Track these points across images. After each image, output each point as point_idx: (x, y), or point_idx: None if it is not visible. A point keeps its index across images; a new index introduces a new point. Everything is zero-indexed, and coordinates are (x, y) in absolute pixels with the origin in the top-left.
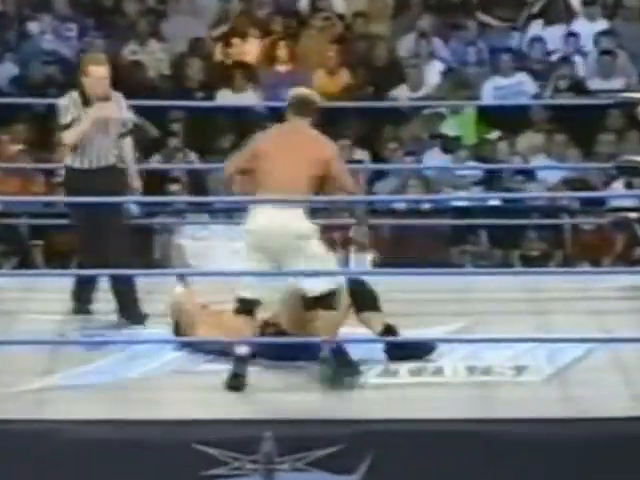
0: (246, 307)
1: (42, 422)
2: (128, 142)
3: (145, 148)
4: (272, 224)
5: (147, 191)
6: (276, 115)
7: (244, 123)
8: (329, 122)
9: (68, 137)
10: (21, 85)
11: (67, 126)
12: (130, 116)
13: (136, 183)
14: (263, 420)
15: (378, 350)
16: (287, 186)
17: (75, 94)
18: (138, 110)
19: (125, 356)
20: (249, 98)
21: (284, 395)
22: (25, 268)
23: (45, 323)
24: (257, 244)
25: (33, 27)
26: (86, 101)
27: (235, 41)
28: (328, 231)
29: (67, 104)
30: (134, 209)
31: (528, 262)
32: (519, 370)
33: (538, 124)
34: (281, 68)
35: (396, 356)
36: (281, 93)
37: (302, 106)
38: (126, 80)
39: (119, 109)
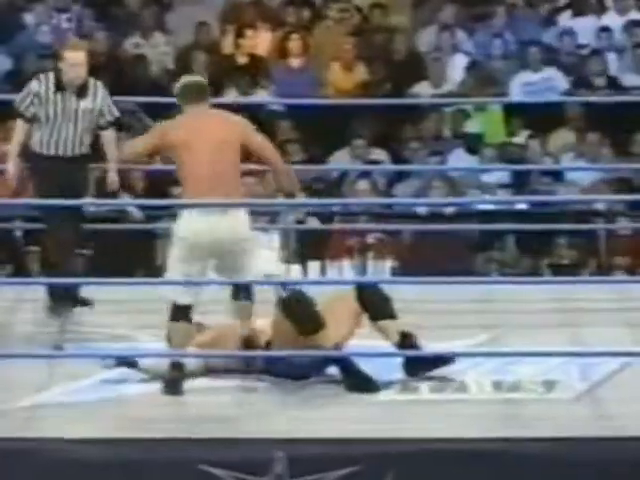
0: (183, 314)
1: (33, 441)
2: (109, 135)
3: None
4: (215, 228)
5: (149, 193)
6: (290, 112)
7: (255, 121)
8: (344, 120)
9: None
10: (15, 80)
11: (18, 113)
12: (111, 109)
13: (112, 177)
14: (273, 439)
15: (396, 363)
16: (219, 180)
17: (52, 77)
18: (140, 107)
19: (123, 371)
20: (258, 98)
21: (296, 413)
22: (19, 276)
23: (40, 335)
24: (196, 247)
25: (28, 18)
26: (60, 87)
27: (245, 33)
28: (343, 237)
29: (31, 90)
30: (136, 212)
31: (558, 270)
32: (549, 386)
33: (569, 122)
34: (294, 62)
35: (414, 368)
36: (294, 89)
37: (200, 91)
38: (128, 75)
39: (93, 99)
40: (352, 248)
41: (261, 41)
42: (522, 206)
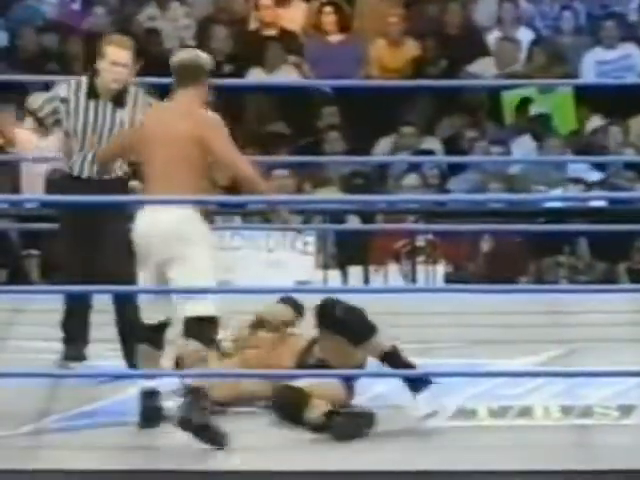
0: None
1: (32, 473)
2: None
3: None
4: (153, 226)
5: None
6: (328, 95)
7: (286, 106)
8: (391, 104)
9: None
10: (11, 57)
11: (38, 119)
12: None
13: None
14: (307, 472)
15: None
16: (168, 179)
17: (84, 81)
18: (154, 89)
19: (135, 393)
20: (285, 76)
21: (334, 443)
22: (16, 283)
23: (40, 351)
24: (141, 250)
25: None
26: (93, 92)
27: (266, 4)
28: (389, 239)
29: (57, 95)
30: None
31: (638, 277)
32: (626, 411)
33: None
34: (331, 38)
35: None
36: (331, 69)
37: (183, 74)
38: (140, 52)
39: (133, 109)
40: (399, 251)
41: (293, 13)
42: (597, 204)
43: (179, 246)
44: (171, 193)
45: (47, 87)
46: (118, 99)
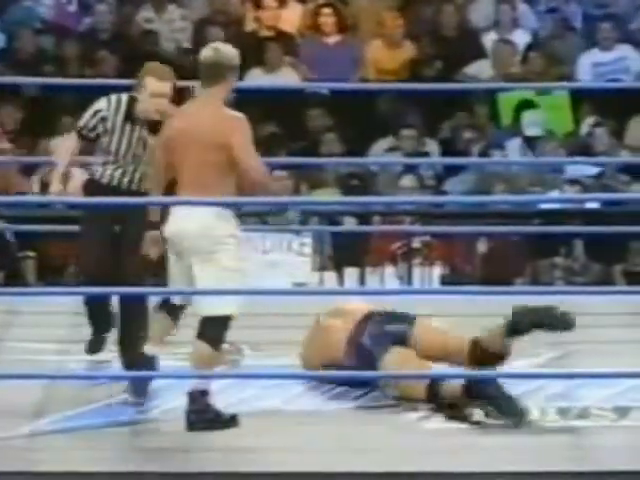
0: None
1: (30, 475)
2: None
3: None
4: (182, 226)
5: None
6: (324, 98)
7: (283, 108)
8: (387, 106)
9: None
10: (8, 60)
11: (80, 133)
12: None
13: None
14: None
15: None
16: (197, 182)
17: (123, 101)
18: None
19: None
20: (285, 77)
21: (346, 443)
22: (13, 285)
23: (37, 353)
24: (172, 249)
25: None
26: (131, 115)
27: (271, 5)
28: (385, 240)
29: (98, 112)
30: None
31: (634, 279)
32: (622, 413)
33: None
34: (328, 40)
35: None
36: (328, 69)
37: (204, 72)
38: (137, 53)
39: None
40: (395, 253)
41: (289, 15)
42: (593, 205)
43: (205, 246)
44: (200, 195)
45: (43, 89)
46: (155, 127)
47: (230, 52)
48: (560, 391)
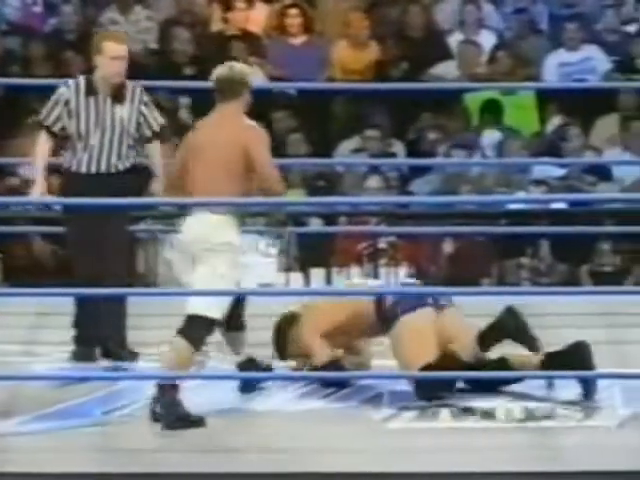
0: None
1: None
2: (152, 147)
3: None
4: (188, 229)
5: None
6: (290, 98)
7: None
8: (353, 106)
9: (37, 147)
10: None
11: (45, 127)
12: (156, 118)
13: (156, 188)
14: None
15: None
16: (208, 187)
17: (82, 81)
18: None
19: (104, 394)
20: (253, 77)
21: (297, 444)
22: None
23: (3, 355)
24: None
25: None
26: (92, 89)
27: (238, 6)
28: (351, 241)
29: (61, 97)
30: None
31: (600, 279)
32: (588, 412)
33: (614, 110)
34: (294, 40)
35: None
36: (294, 70)
37: (220, 89)
38: None
39: (131, 106)
40: (361, 253)
41: (256, 15)
42: (559, 206)
43: (202, 251)
44: (209, 197)
45: (9, 90)
46: (117, 94)
47: (243, 70)
48: (526, 391)
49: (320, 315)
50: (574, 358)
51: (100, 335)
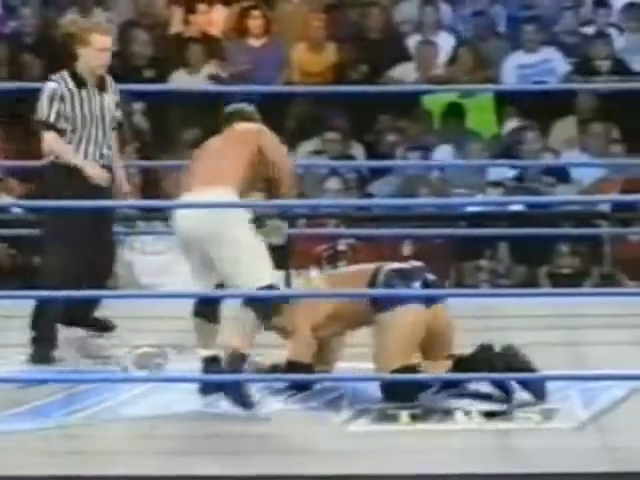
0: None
1: None
2: (114, 137)
3: None
4: (191, 213)
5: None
6: (248, 100)
7: (209, 111)
8: (312, 108)
9: (55, 145)
10: None
11: (50, 126)
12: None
13: (125, 186)
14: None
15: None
16: (211, 171)
17: (66, 74)
18: None
19: (65, 396)
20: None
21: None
22: None
23: None
24: (182, 241)
25: None
26: (80, 82)
27: (200, 8)
28: (310, 243)
29: (55, 93)
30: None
31: (558, 281)
32: (547, 415)
33: (573, 112)
34: (253, 42)
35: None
36: (253, 73)
37: (242, 116)
38: (62, 57)
39: (114, 94)
40: (320, 256)
41: (215, 18)
42: (517, 208)
43: (219, 230)
44: (214, 184)
45: None
46: (102, 84)
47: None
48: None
49: (316, 304)
50: (480, 361)
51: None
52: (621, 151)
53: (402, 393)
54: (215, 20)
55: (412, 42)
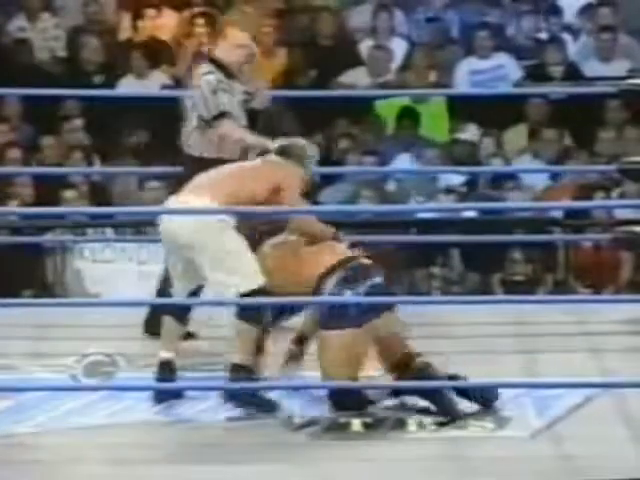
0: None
1: None
2: None
3: (33, 147)
4: (172, 219)
5: (37, 200)
6: None
7: (157, 116)
8: (261, 114)
9: (236, 132)
10: None
11: (228, 113)
12: None
13: None
14: None
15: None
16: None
17: (212, 66)
18: (25, 100)
19: (12, 405)
20: (156, 83)
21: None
22: None
23: None
24: (166, 245)
25: None
26: (229, 73)
27: (148, 13)
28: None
29: (219, 86)
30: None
31: (511, 288)
32: (500, 423)
33: (524, 117)
34: (203, 48)
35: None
36: None
37: (287, 152)
38: (10, 63)
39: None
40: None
41: (164, 23)
42: (469, 214)
43: (201, 237)
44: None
45: None
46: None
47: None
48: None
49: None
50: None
51: None
52: (573, 157)
53: (350, 405)
54: (164, 25)
55: (364, 47)
